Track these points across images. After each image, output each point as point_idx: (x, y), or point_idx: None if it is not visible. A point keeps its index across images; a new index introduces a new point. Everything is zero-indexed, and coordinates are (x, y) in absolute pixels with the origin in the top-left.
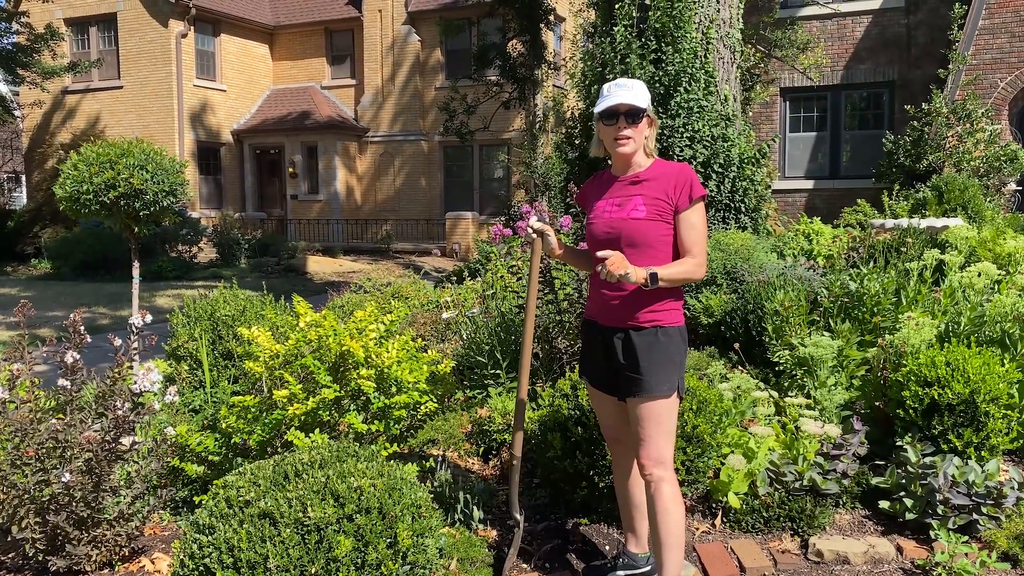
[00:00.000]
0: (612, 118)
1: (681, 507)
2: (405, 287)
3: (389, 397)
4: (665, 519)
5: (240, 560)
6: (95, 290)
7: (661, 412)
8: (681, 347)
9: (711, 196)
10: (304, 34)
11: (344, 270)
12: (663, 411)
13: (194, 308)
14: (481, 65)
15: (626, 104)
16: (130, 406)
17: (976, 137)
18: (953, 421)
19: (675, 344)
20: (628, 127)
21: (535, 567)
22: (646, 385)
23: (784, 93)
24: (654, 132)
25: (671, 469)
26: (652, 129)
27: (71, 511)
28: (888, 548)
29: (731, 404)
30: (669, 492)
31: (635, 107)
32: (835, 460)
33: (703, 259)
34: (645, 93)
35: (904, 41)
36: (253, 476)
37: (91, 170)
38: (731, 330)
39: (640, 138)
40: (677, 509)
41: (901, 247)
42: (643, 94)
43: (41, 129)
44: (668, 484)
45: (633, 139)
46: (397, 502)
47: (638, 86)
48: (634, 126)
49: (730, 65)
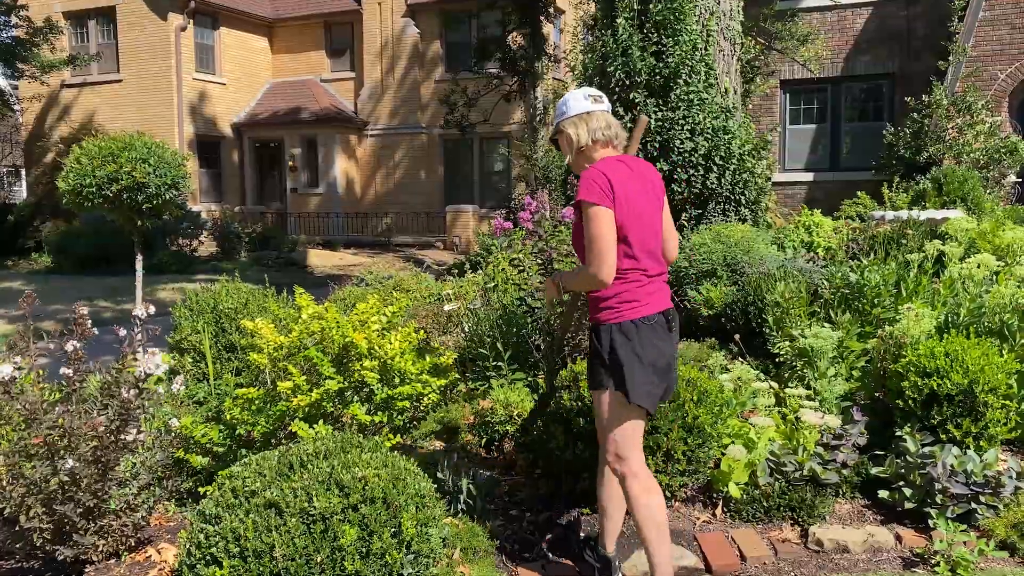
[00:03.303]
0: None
1: (650, 497)
2: (406, 280)
3: (392, 388)
4: (636, 514)
5: (246, 550)
6: (96, 284)
7: (600, 405)
8: (609, 345)
9: (711, 188)
10: (303, 27)
11: (345, 263)
12: (601, 404)
13: (196, 301)
14: (481, 58)
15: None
16: (135, 391)
17: (976, 129)
18: (952, 411)
19: (604, 342)
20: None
21: (537, 557)
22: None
23: (784, 85)
24: (562, 140)
25: (631, 464)
26: (562, 137)
27: (78, 501)
28: (887, 537)
29: (732, 395)
30: (634, 487)
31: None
32: (835, 450)
33: (594, 262)
34: (560, 108)
35: (904, 33)
36: (258, 467)
37: (94, 163)
38: (731, 322)
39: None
40: (647, 500)
41: (901, 239)
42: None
43: (40, 123)
44: (630, 479)
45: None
46: (401, 492)
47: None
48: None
49: (730, 57)
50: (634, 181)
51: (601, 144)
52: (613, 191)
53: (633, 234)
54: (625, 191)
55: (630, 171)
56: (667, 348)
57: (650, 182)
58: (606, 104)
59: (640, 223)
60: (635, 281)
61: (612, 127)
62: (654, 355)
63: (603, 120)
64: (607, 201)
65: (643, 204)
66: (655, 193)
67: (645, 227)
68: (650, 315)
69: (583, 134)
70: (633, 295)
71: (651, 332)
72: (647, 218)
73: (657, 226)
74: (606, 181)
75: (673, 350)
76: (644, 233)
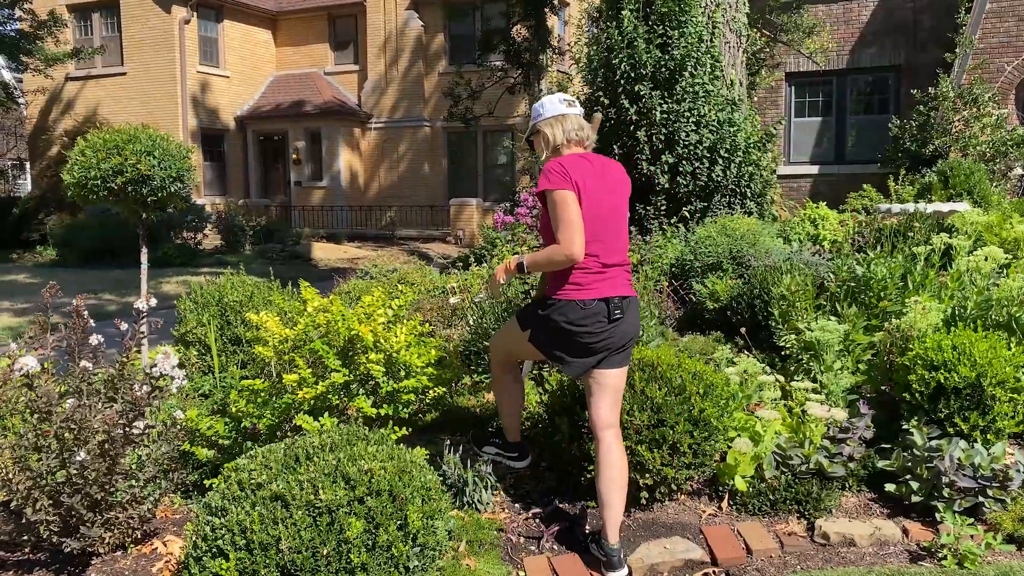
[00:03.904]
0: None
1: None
2: (411, 273)
3: (398, 381)
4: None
5: (252, 542)
6: (101, 277)
7: (508, 326)
8: (546, 315)
9: (717, 181)
10: (307, 20)
11: (349, 257)
12: (509, 327)
13: (201, 294)
14: (485, 50)
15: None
16: (148, 389)
17: (983, 122)
18: (959, 404)
19: (543, 310)
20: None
21: (543, 549)
22: (519, 313)
23: (789, 78)
24: (538, 139)
25: (495, 366)
26: (538, 137)
27: (85, 493)
28: (894, 530)
29: (738, 388)
30: (494, 379)
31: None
32: (841, 443)
33: (565, 240)
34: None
35: (910, 25)
36: (264, 459)
37: (98, 156)
38: (737, 315)
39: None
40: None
41: (908, 232)
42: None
43: (45, 116)
44: (494, 374)
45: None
46: (407, 485)
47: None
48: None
49: (736, 49)
50: (593, 175)
51: (574, 143)
52: (571, 178)
53: (587, 223)
54: (583, 182)
55: (591, 165)
56: (602, 330)
57: (611, 177)
58: (579, 108)
59: (594, 213)
60: (584, 268)
61: (584, 129)
62: (580, 331)
63: (576, 122)
64: (567, 185)
65: (600, 196)
66: (616, 187)
67: (600, 217)
68: (589, 300)
69: (559, 134)
70: (577, 279)
71: (585, 315)
72: (603, 209)
73: (616, 218)
74: (563, 169)
75: (610, 335)
76: (598, 223)
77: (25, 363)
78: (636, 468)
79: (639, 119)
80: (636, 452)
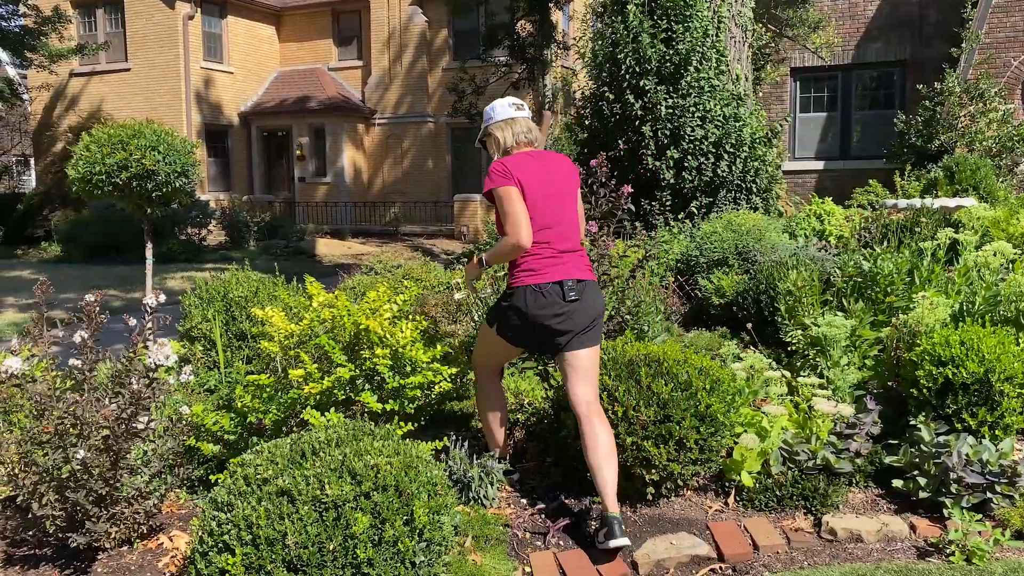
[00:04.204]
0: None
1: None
2: (416, 269)
3: (404, 377)
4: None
5: (259, 537)
6: (105, 272)
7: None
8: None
9: (722, 176)
10: (311, 16)
11: (353, 252)
12: (481, 332)
13: (207, 289)
14: (490, 45)
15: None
16: (146, 381)
17: (989, 117)
18: (967, 400)
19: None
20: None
21: (549, 545)
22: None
23: (794, 73)
24: (490, 142)
25: (477, 372)
26: (490, 140)
27: (90, 488)
28: (901, 526)
29: (744, 384)
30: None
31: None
32: (848, 439)
33: (512, 231)
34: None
35: (916, 20)
36: (271, 454)
37: (103, 151)
38: (743, 310)
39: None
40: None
41: (915, 227)
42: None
43: (49, 112)
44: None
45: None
46: (413, 480)
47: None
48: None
49: (741, 44)
50: (536, 170)
51: (523, 145)
52: (512, 175)
53: (533, 212)
54: (525, 177)
55: (534, 160)
56: (560, 313)
57: (556, 170)
58: (527, 111)
59: (540, 204)
60: (536, 254)
61: (532, 131)
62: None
63: (525, 125)
64: (509, 181)
65: (545, 188)
66: (561, 179)
67: (547, 207)
68: (543, 283)
69: (508, 137)
70: (530, 265)
71: (544, 297)
72: (549, 200)
73: (564, 207)
74: (504, 168)
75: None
76: (547, 213)
77: (9, 365)
78: (642, 464)
79: (644, 114)
80: (642, 448)
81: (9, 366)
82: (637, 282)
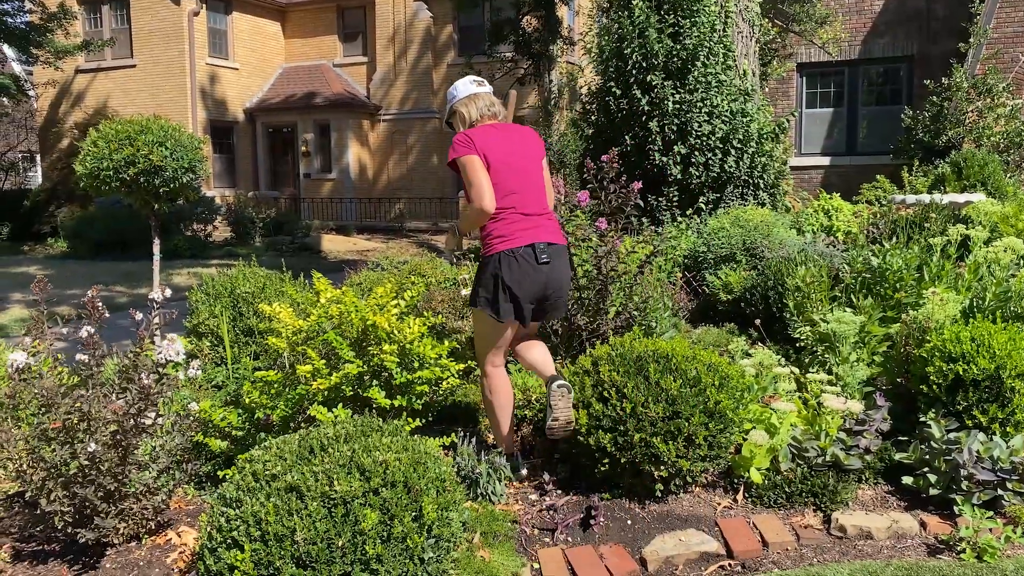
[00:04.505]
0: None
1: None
2: (422, 265)
3: (411, 372)
4: (484, 400)
5: (267, 533)
6: (111, 268)
7: (474, 320)
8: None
9: (730, 172)
10: (316, 12)
11: (358, 249)
12: (474, 320)
13: (214, 285)
14: (495, 40)
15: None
16: (155, 377)
17: (997, 112)
18: (978, 397)
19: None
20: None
21: (557, 541)
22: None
23: (800, 68)
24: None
25: (481, 365)
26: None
27: (99, 484)
28: (912, 523)
29: (753, 380)
30: (481, 381)
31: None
32: (858, 436)
33: (475, 197)
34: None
35: (923, 14)
36: (279, 450)
37: (110, 147)
38: (751, 306)
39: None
40: (489, 396)
41: (924, 223)
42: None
43: (55, 109)
44: (483, 378)
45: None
46: (422, 476)
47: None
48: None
49: (748, 39)
50: (498, 139)
51: (487, 118)
52: (475, 144)
53: (497, 179)
54: (487, 145)
55: (498, 132)
56: (536, 275)
57: (518, 138)
58: (488, 88)
59: (504, 171)
60: (505, 219)
61: (495, 105)
62: (519, 279)
63: (487, 99)
64: (471, 150)
65: (508, 157)
66: (524, 146)
67: (510, 174)
68: (516, 247)
69: (473, 111)
70: (501, 231)
71: (518, 262)
72: (512, 166)
73: (528, 172)
74: (467, 138)
75: (545, 277)
76: (511, 178)
77: (15, 359)
78: (651, 460)
79: (651, 109)
80: (651, 444)
81: (15, 360)
82: (645, 278)
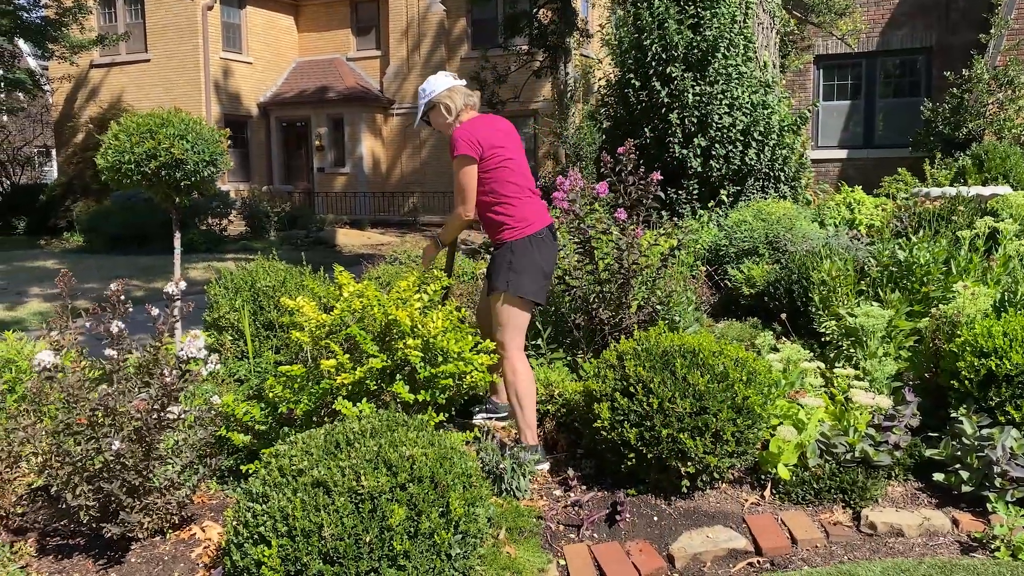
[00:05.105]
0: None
1: (518, 377)
2: (441, 258)
3: (435, 367)
4: (510, 388)
5: (295, 529)
6: (128, 263)
7: (496, 304)
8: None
9: (751, 164)
10: (329, 6)
11: (373, 243)
12: (497, 304)
13: (233, 279)
14: (511, 33)
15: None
16: (178, 373)
17: (1018, 104)
18: (1011, 392)
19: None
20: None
21: (583, 538)
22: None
23: (818, 61)
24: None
25: (509, 350)
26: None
27: (123, 479)
28: (943, 521)
29: (780, 375)
30: (507, 366)
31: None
32: (887, 431)
33: (460, 203)
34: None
35: (943, 5)
36: (305, 445)
37: (132, 140)
38: (775, 300)
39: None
40: (515, 379)
41: (951, 215)
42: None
43: (70, 103)
44: (506, 361)
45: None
46: (448, 471)
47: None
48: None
49: (769, 30)
50: (496, 132)
51: (470, 107)
52: (480, 144)
53: (515, 168)
54: (490, 139)
55: (492, 125)
56: (554, 254)
57: (510, 129)
58: (462, 80)
59: (520, 165)
60: (524, 204)
61: (473, 95)
62: (546, 260)
63: (465, 89)
64: (474, 152)
65: (505, 143)
66: (515, 135)
67: (520, 165)
68: (540, 229)
69: (459, 100)
70: (525, 216)
71: (542, 244)
72: (506, 151)
73: (524, 159)
74: (474, 137)
75: (554, 256)
76: (521, 165)
77: (42, 359)
78: (677, 456)
79: (671, 101)
80: (678, 440)
81: (42, 360)
82: (667, 272)
